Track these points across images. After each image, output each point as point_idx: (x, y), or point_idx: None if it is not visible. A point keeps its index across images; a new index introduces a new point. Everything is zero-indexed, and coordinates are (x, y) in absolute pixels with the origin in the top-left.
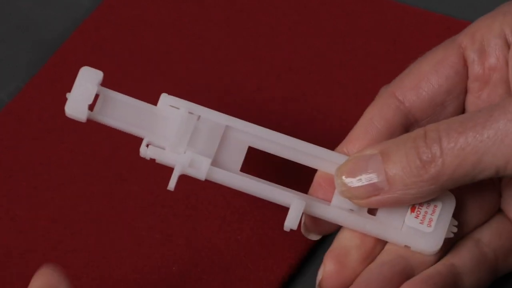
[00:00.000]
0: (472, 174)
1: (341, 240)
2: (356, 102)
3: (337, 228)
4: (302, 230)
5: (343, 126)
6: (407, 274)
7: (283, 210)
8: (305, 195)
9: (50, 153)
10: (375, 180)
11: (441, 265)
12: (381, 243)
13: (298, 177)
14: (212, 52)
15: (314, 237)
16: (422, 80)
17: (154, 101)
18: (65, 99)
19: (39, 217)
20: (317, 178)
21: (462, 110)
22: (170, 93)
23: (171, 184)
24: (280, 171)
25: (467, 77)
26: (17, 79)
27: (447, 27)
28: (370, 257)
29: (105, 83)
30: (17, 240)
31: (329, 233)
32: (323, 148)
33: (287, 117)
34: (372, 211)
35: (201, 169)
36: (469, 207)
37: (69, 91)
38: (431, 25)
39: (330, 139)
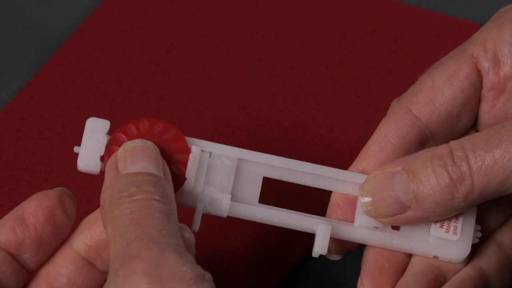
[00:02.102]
0: (500, 190)
1: (372, 257)
2: (356, 102)
3: (357, 246)
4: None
5: (344, 126)
6: (440, 280)
7: None
8: (326, 218)
9: (50, 152)
10: (402, 198)
11: (470, 270)
12: (409, 254)
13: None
14: (212, 51)
15: (336, 257)
16: (437, 95)
17: (154, 101)
18: (66, 100)
19: None
20: (334, 199)
21: (476, 120)
22: (170, 93)
23: (195, 226)
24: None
25: (481, 87)
26: (18, 79)
27: (448, 27)
28: (402, 268)
29: (105, 83)
30: None
31: (350, 251)
32: (339, 169)
33: (287, 117)
34: (395, 226)
35: (222, 207)
36: (488, 210)
37: (70, 91)
38: (432, 25)
39: (331, 139)
